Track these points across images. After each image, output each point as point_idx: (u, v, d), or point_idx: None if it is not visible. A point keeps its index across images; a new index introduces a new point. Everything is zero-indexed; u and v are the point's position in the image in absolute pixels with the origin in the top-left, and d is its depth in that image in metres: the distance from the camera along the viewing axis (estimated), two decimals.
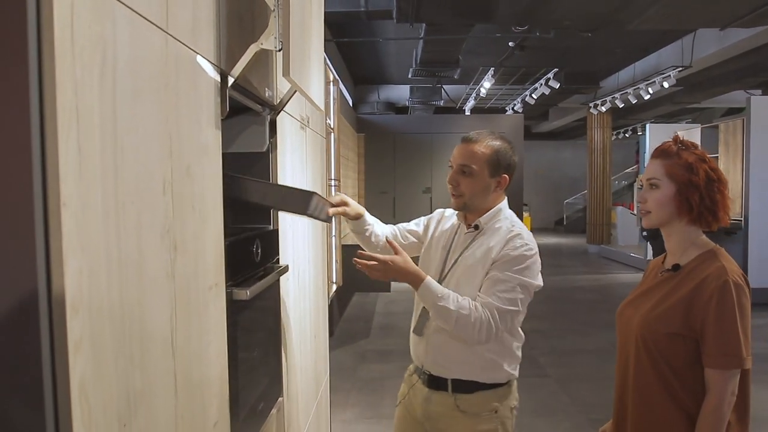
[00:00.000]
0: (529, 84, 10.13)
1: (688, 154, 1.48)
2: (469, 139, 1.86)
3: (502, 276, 1.74)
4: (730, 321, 1.38)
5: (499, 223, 1.88)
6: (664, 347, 1.47)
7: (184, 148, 1.14)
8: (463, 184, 1.85)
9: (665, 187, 1.49)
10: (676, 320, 1.45)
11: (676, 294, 1.48)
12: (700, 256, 1.49)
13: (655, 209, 1.51)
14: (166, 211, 1.04)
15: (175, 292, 1.08)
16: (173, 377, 1.07)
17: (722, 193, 1.46)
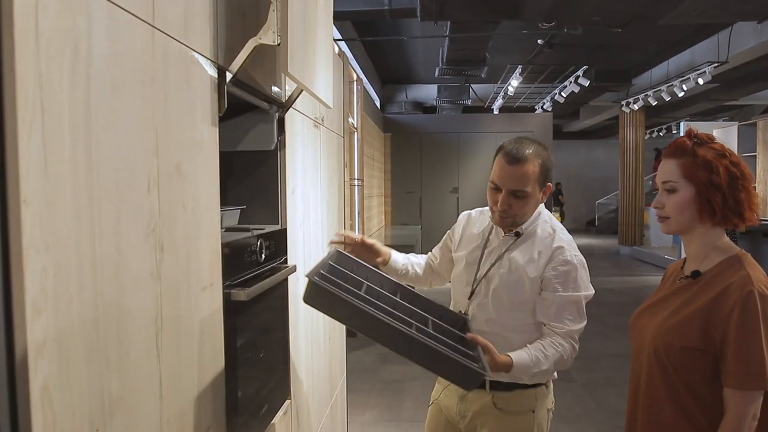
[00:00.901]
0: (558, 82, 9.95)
1: (705, 150, 1.33)
2: (517, 159, 1.71)
3: (565, 299, 1.74)
4: (753, 337, 1.23)
5: (539, 226, 1.84)
6: (678, 362, 1.33)
7: (174, 145, 1.11)
8: (515, 207, 1.76)
9: (683, 189, 1.34)
10: (692, 333, 1.31)
11: (694, 304, 1.33)
12: (723, 263, 1.34)
13: (675, 215, 1.37)
14: (151, 210, 1.02)
15: (161, 293, 1.05)
16: (158, 380, 1.04)
17: (747, 189, 1.31)
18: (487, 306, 1.84)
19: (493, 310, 1.82)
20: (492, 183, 1.79)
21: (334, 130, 2.93)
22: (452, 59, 7.73)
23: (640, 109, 11.59)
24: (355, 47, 8.43)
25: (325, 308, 1.51)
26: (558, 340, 1.72)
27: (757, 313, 1.23)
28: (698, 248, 1.38)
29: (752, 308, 1.23)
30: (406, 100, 12.16)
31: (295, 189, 2.08)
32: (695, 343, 1.30)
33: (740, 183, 1.32)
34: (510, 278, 1.81)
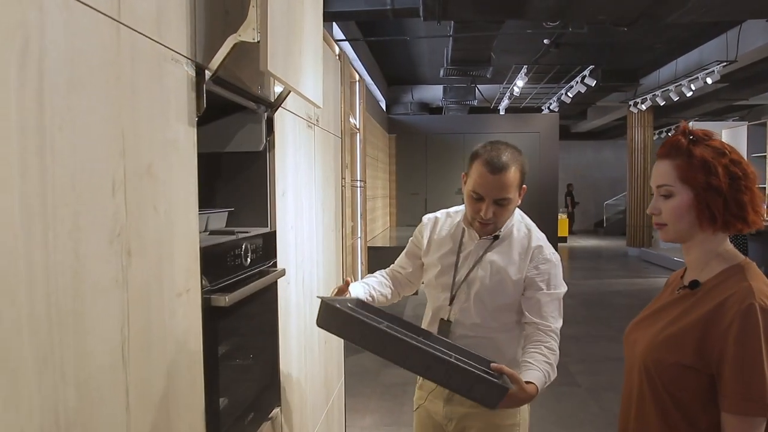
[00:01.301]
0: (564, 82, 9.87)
1: (702, 148, 1.19)
2: (499, 168, 1.70)
3: (549, 296, 1.78)
4: (753, 356, 1.09)
5: (515, 227, 1.86)
6: (669, 381, 1.20)
7: (144, 146, 1.07)
8: (498, 214, 1.76)
9: (680, 194, 1.21)
10: (686, 349, 1.18)
11: (690, 317, 1.20)
12: (724, 272, 1.21)
13: (672, 222, 1.24)
14: (116, 214, 0.97)
15: (128, 300, 1.01)
16: (124, 391, 1.00)
17: (751, 191, 1.18)
18: (470, 310, 1.83)
19: (477, 314, 1.83)
20: (474, 193, 1.75)
21: (330, 131, 2.89)
22: (457, 59, 7.67)
23: (649, 110, 11.48)
24: (359, 48, 8.39)
25: (338, 329, 1.51)
26: (550, 343, 1.73)
27: (758, 329, 1.10)
28: (698, 256, 1.26)
29: (752, 324, 1.10)
30: (412, 101, 12.10)
31: (286, 190, 2.03)
32: (689, 361, 1.17)
33: (742, 184, 1.18)
34: (492, 281, 1.81)
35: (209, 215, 1.69)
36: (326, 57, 2.79)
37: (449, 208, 2.02)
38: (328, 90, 2.86)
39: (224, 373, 1.59)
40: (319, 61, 1.86)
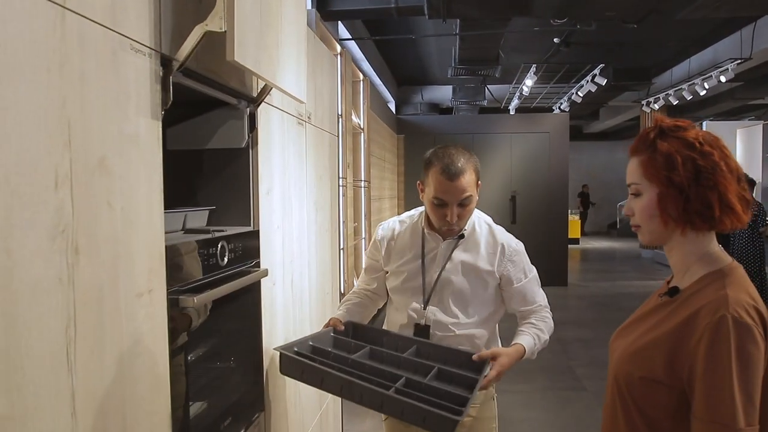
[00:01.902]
0: (574, 81, 9.73)
1: (668, 142, 1.10)
2: (456, 174, 1.74)
3: (529, 282, 1.90)
4: (722, 374, 0.99)
5: (475, 224, 1.91)
6: (639, 395, 1.11)
7: (96, 138, 1.02)
8: (462, 216, 1.81)
9: (647, 192, 1.13)
10: (656, 363, 1.08)
11: (663, 328, 1.10)
12: (704, 278, 1.10)
13: (644, 223, 1.15)
14: (59, 209, 0.92)
15: (74, 301, 0.95)
16: (70, 396, 0.95)
17: (723, 186, 1.07)
18: (449, 309, 1.86)
19: (455, 314, 1.86)
20: (436, 200, 1.78)
21: (325, 129, 2.83)
22: (464, 59, 7.58)
23: (662, 109, 11.28)
24: (367, 48, 8.33)
25: (298, 375, 1.60)
26: (539, 314, 1.88)
27: (728, 344, 0.99)
28: (679, 259, 1.16)
29: (723, 338, 1.00)
30: (422, 102, 12.01)
31: (272, 189, 1.98)
32: (659, 376, 1.07)
33: (712, 178, 1.07)
34: (467, 279, 1.86)
35: (186, 213, 1.64)
36: (320, 54, 2.74)
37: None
38: (323, 88, 2.81)
39: (197, 377, 1.55)
40: (302, 57, 1.81)
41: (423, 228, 1.91)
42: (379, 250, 1.97)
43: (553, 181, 9.15)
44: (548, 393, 4.47)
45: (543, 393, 4.50)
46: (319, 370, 1.53)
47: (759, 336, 1.01)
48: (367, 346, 1.74)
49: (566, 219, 9.51)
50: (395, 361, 1.70)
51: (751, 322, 1.01)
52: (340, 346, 1.79)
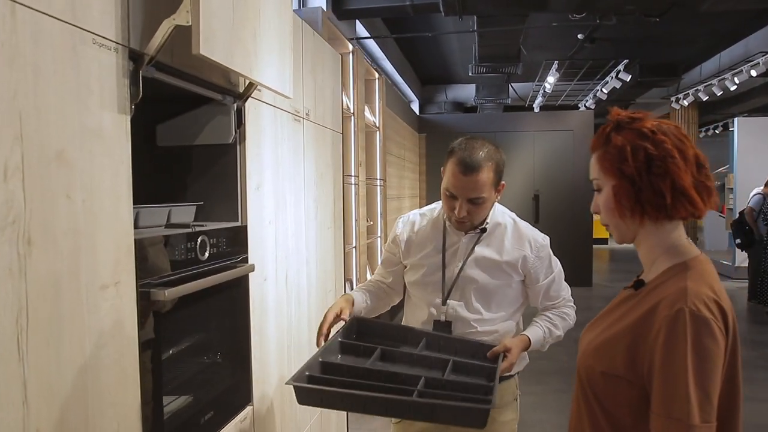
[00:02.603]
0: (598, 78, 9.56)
1: (622, 134, 1.08)
2: (471, 168, 1.67)
3: (554, 277, 1.86)
4: (677, 369, 0.96)
5: (499, 218, 1.86)
6: (600, 390, 1.08)
7: (53, 132, 1.03)
8: (472, 212, 1.75)
9: (605, 186, 1.11)
10: (617, 358, 1.06)
11: (624, 322, 1.08)
12: (667, 271, 1.08)
13: (607, 218, 1.14)
14: (9, 201, 0.94)
15: (26, 291, 0.97)
16: (21, 385, 0.96)
17: (675, 173, 1.03)
18: (471, 305, 1.82)
19: (477, 310, 1.81)
20: (447, 191, 1.74)
21: (327, 126, 2.83)
22: (484, 56, 7.52)
23: (693, 106, 11.02)
24: (388, 47, 8.33)
25: (318, 402, 1.55)
26: (561, 310, 1.85)
27: (684, 338, 0.97)
28: (645, 253, 1.14)
29: (679, 332, 0.97)
30: (446, 101, 11.96)
31: (262, 184, 1.99)
32: (620, 371, 1.05)
33: (661, 166, 1.04)
34: (490, 273, 1.81)
35: (171, 208, 1.65)
36: (321, 52, 2.74)
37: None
38: (325, 85, 2.81)
39: (178, 371, 1.56)
40: (287, 51, 1.81)
41: (444, 221, 1.86)
42: (398, 244, 1.92)
43: (578, 180, 9.01)
44: (562, 395, 4.39)
45: (556, 395, 4.43)
46: (338, 394, 1.47)
47: (718, 330, 0.98)
48: (377, 348, 1.70)
49: (590, 218, 9.35)
50: (409, 360, 1.68)
51: (710, 316, 0.98)
52: (349, 351, 1.73)
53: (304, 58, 2.46)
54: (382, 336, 1.80)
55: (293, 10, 2.82)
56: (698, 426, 0.95)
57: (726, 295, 1.06)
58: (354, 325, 1.83)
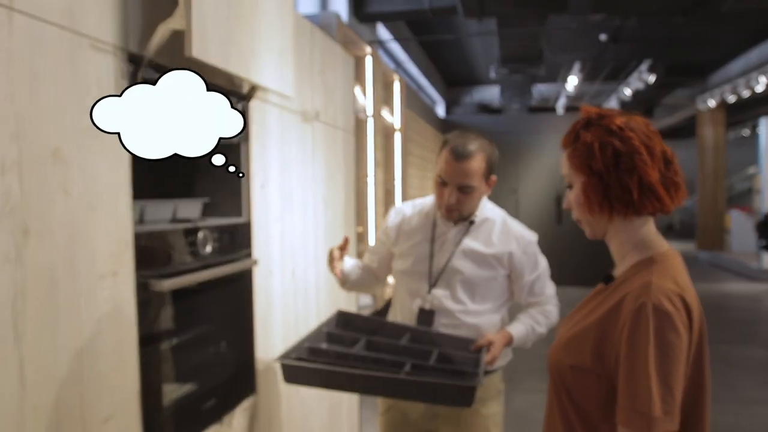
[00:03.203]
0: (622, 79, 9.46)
1: (591, 131, 1.09)
2: (463, 155, 1.75)
3: (540, 274, 1.91)
4: (640, 362, 0.98)
5: (487, 212, 1.92)
6: (571, 384, 1.10)
7: (49, 131, 1.10)
8: (461, 200, 1.81)
9: (576, 183, 1.13)
10: (585, 351, 1.07)
11: (593, 316, 1.10)
12: (635, 266, 1.10)
13: (579, 214, 1.16)
14: (6, 193, 1.01)
15: (24, 277, 1.04)
16: (17, 365, 1.03)
17: (642, 169, 1.04)
18: (456, 296, 1.86)
19: (466, 299, 1.86)
20: (439, 177, 1.81)
21: (338, 127, 2.89)
22: (506, 57, 7.53)
23: (720, 107, 10.80)
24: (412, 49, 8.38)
25: (304, 381, 1.60)
26: (545, 307, 1.90)
27: (647, 331, 0.98)
28: (616, 248, 1.16)
29: (642, 325, 0.99)
30: (472, 102, 11.96)
31: (267, 183, 2.05)
32: (588, 364, 1.07)
33: (629, 162, 1.05)
34: (476, 265, 1.85)
35: (177, 204, 1.73)
36: (331, 54, 2.80)
37: (417, 199, 2.03)
38: (335, 87, 2.87)
39: (176, 359, 1.62)
40: (288, 53, 1.87)
41: (435, 213, 1.93)
42: (388, 233, 1.99)
43: None
44: None
45: None
46: (323, 371, 1.52)
47: (681, 324, 1.00)
48: (363, 338, 1.76)
49: None
50: (394, 350, 1.72)
51: (672, 310, 1.00)
52: (335, 341, 1.80)
53: (313, 60, 2.52)
54: (367, 330, 1.86)
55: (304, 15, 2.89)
56: (660, 418, 0.97)
57: (692, 289, 1.07)
58: (339, 318, 1.90)
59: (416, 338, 1.80)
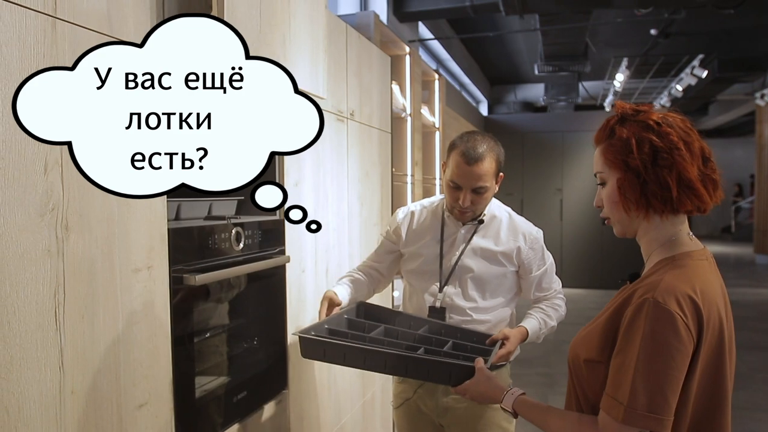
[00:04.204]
0: (673, 75, 9.17)
1: (627, 126, 1.07)
2: (475, 159, 1.79)
3: (547, 269, 1.95)
4: (630, 354, 0.98)
5: (495, 210, 1.96)
6: (584, 378, 1.11)
7: None
8: (476, 202, 1.85)
9: (610, 180, 1.12)
10: (597, 345, 1.08)
11: (608, 312, 1.11)
12: (657, 264, 1.09)
13: (611, 212, 1.14)
14: (49, 191, 1.07)
15: (63, 270, 1.11)
16: (58, 352, 1.10)
17: (681, 166, 1.03)
18: (467, 293, 1.90)
19: (472, 298, 1.90)
20: (452, 182, 1.84)
21: (373, 125, 2.92)
22: (550, 54, 7.41)
23: None
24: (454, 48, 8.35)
25: (321, 355, 1.64)
26: (553, 301, 1.94)
27: (642, 326, 0.98)
28: (645, 247, 1.14)
29: (639, 320, 0.99)
30: (515, 101, 11.82)
31: (300, 181, 2.10)
32: (597, 356, 1.07)
33: (668, 158, 1.03)
34: (486, 263, 1.90)
35: (211, 203, 1.79)
36: (367, 54, 2.83)
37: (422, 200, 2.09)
38: (371, 86, 2.90)
39: (209, 351, 1.68)
40: (320, 53, 1.91)
41: (443, 212, 1.96)
42: (398, 233, 2.02)
43: None
44: None
45: None
46: (341, 346, 1.57)
47: (683, 327, 0.98)
48: (381, 326, 1.81)
49: None
50: (410, 338, 1.76)
51: (677, 311, 0.98)
52: (355, 327, 1.85)
53: (348, 60, 2.56)
54: (386, 321, 1.89)
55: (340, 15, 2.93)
56: (640, 414, 0.96)
57: (715, 296, 1.04)
58: (362, 309, 1.95)
59: (434, 330, 1.83)
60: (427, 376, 1.55)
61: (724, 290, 1.11)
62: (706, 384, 1.02)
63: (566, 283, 8.65)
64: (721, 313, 1.04)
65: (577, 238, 9.02)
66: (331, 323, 1.81)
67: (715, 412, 1.04)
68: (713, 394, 1.03)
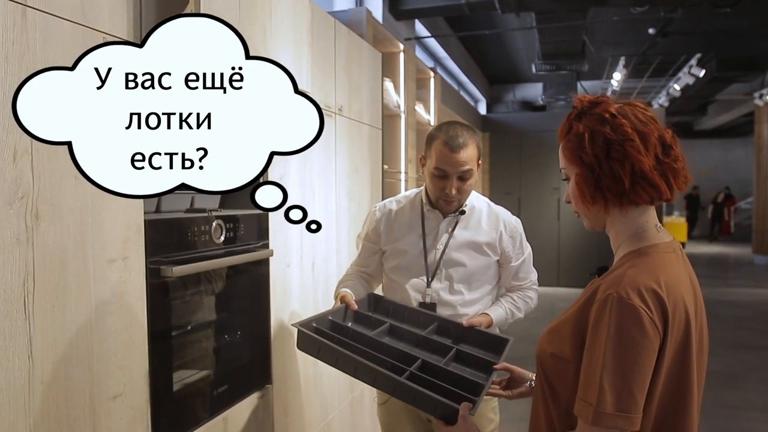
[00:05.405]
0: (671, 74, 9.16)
1: (583, 122, 1.06)
2: (459, 146, 1.80)
3: (525, 259, 1.97)
4: (597, 353, 0.97)
5: (474, 201, 1.96)
6: (551, 372, 1.09)
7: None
8: (461, 190, 1.86)
9: (571, 175, 1.11)
10: (563, 340, 1.07)
11: (574, 306, 1.09)
12: (623, 257, 1.08)
13: (576, 207, 1.13)
14: (18, 179, 1.07)
15: (33, 259, 1.10)
16: (27, 341, 1.10)
17: (635, 157, 1.01)
18: (454, 287, 1.90)
19: (463, 289, 1.90)
20: (437, 170, 1.83)
21: (363, 121, 2.92)
22: (547, 53, 7.40)
23: None
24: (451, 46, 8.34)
25: (315, 353, 1.62)
26: (526, 293, 1.98)
27: (607, 323, 0.96)
28: (612, 239, 1.13)
29: (604, 317, 0.97)
30: (514, 100, 11.80)
31: (285, 175, 2.09)
32: (566, 353, 1.05)
33: (620, 150, 1.02)
34: (470, 255, 1.90)
35: (193, 195, 1.78)
36: (357, 50, 2.83)
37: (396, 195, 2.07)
38: (361, 81, 2.90)
39: (189, 343, 1.68)
40: (303, 46, 1.90)
41: (422, 206, 1.94)
42: (377, 231, 1.99)
43: None
44: None
45: None
46: (335, 350, 1.54)
47: (648, 321, 0.96)
48: (387, 323, 1.78)
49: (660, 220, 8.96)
50: (414, 339, 1.73)
51: (640, 305, 0.96)
52: (360, 321, 1.82)
53: (337, 55, 2.55)
54: (395, 315, 1.87)
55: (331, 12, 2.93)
56: (610, 414, 0.94)
57: (681, 289, 1.02)
58: (372, 301, 1.93)
59: (442, 329, 1.80)
60: (413, 402, 1.49)
61: (695, 283, 1.10)
62: (670, 381, 1.01)
63: (563, 281, 8.70)
64: (689, 307, 1.02)
65: (574, 237, 9.01)
66: (336, 315, 1.78)
67: (680, 411, 1.02)
68: (677, 392, 1.02)
